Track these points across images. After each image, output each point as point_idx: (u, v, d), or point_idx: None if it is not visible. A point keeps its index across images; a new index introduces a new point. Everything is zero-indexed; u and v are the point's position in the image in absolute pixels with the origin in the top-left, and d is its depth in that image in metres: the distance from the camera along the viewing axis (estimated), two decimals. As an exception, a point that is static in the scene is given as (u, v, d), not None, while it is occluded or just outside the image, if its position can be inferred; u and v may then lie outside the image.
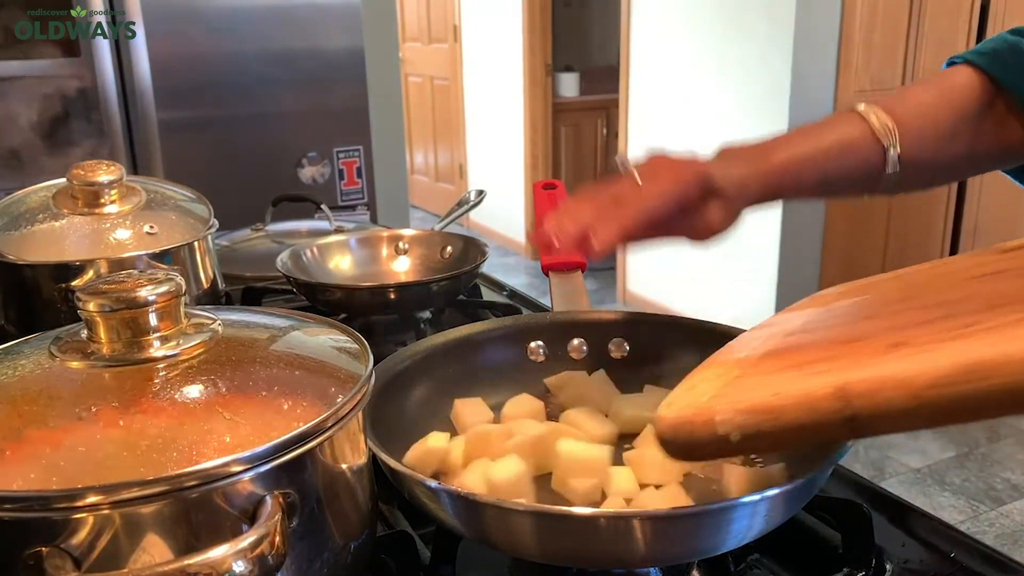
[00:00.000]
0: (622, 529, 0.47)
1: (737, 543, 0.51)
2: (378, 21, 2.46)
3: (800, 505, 0.55)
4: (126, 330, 0.48)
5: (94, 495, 0.39)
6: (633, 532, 0.47)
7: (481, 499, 0.50)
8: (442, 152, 5.68)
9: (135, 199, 0.95)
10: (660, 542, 0.49)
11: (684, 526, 0.49)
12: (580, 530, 0.48)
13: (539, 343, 0.76)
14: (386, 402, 0.64)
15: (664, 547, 0.49)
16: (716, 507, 0.49)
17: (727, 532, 0.49)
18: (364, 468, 0.53)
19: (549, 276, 0.81)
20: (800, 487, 0.50)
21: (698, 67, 3.50)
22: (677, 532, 0.49)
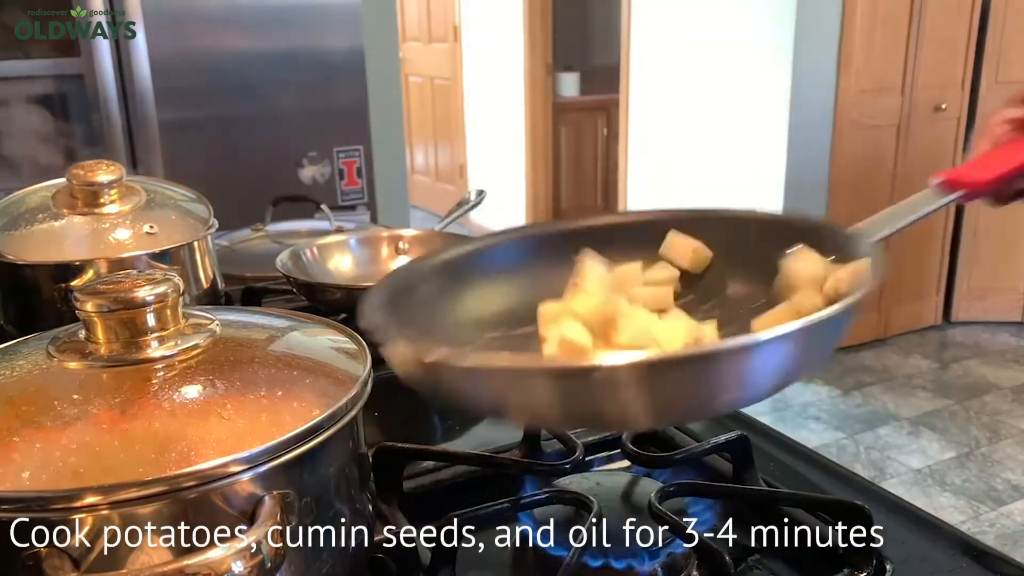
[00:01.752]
0: (611, 381, 0.44)
1: (753, 395, 0.47)
2: (378, 21, 2.46)
3: (831, 345, 0.50)
4: (124, 330, 0.48)
5: (93, 496, 0.39)
6: (626, 382, 0.44)
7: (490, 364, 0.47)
8: (442, 152, 5.68)
9: (135, 199, 0.94)
10: (658, 392, 0.45)
11: (688, 369, 0.44)
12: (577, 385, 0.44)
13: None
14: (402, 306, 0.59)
15: (667, 398, 0.46)
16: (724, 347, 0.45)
17: (742, 378, 0.45)
18: (363, 468, 0.53)
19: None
20: (826, 321, 0.46)
21: (698, 67, 3.50)
22: (680, 377, 0.45)
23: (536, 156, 4.81)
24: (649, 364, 0.44)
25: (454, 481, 0.69)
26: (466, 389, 0.49)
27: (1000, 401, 3.06)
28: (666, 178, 3.80)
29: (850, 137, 3.26)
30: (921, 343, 3.58)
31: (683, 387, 0.46)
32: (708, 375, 0.45)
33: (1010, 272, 3.66)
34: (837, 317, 0.46)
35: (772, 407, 3.04)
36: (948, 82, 3.41)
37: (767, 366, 0.46)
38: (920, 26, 3.24)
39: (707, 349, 0.47)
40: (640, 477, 0.65)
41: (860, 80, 3.21)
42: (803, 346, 0.47)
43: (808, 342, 0.47)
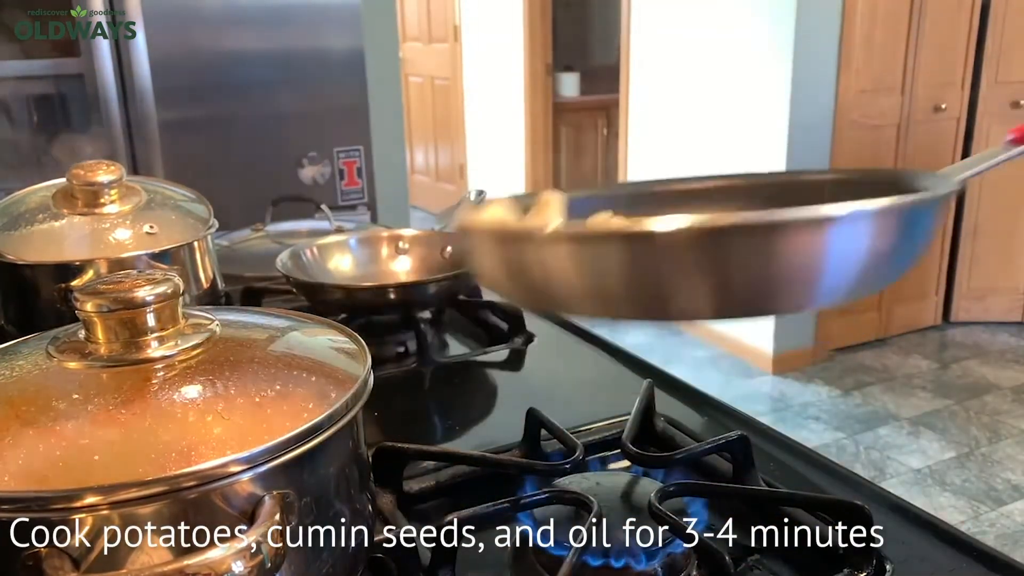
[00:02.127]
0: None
1: (831, 286, 0.44)
2: (378, 21, 2.46)
3: (918, 245, 0.48)
4: (124, 330, 0.48)
5: (93, 496, 0.39)
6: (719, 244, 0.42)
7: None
8: (442, 152, 5.68)
9: (135, 199, 0.94)
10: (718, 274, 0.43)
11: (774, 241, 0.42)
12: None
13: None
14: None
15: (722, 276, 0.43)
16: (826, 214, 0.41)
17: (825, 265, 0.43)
18: (362, 468, 0.53)
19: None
20: (916, 206, 0.44)
21: (698, 67, 3.50)
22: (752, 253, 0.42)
23: (536, 156, 4.81)
24: (735, 226, 0.42)
25: (454, 481, 0.69)
26: (556, 265, 0.46)
27: (1000, 401, 3.06)
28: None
29: (850, 137, 3.26)
30: (921, 343, 3.58)
31: (763, 260, 0.43)
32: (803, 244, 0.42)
33: (1010, 272, 3.66)
34: (928, 203, 0.44)
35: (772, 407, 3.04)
36: (948, 82, 3.41)
37: (850, 249, 0.43)
38: (920, 26, 3.24)
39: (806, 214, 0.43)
40: (640, 477, 0.65)
41: (860, 80, 3.21)
42: (890, 233, 0.44)
43: (897, 228, 0.44)
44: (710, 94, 3.46)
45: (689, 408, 0.84)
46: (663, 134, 3.78)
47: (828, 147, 3.23)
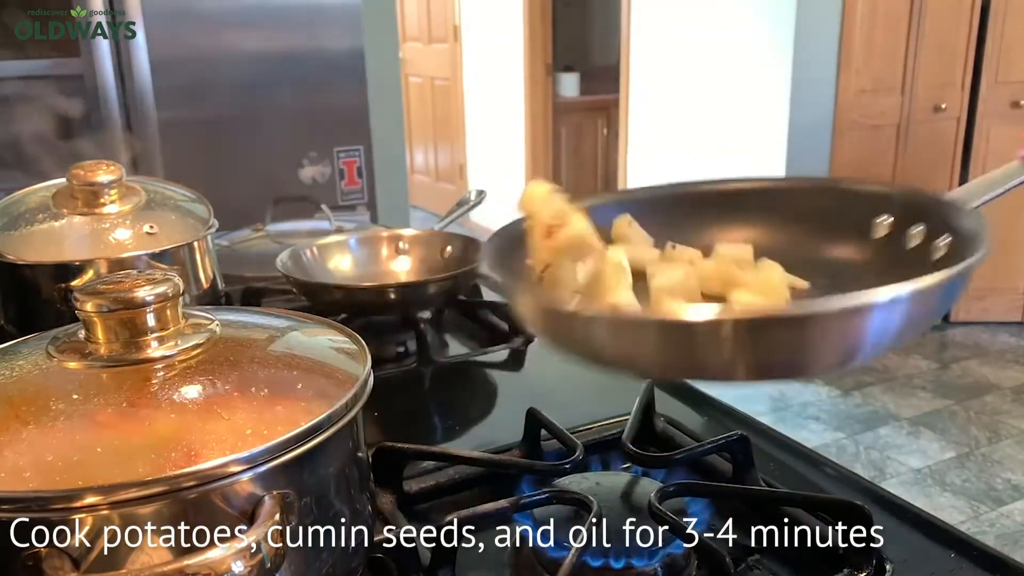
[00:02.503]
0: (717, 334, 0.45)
1: (860, 357, 0.48)
2: (378, 21, 2.46)
3: (946, 306, 0.51)
4: (124, 330, 0.48)
5: (92, 496, 0.39)
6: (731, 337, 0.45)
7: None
8: (442, 152, 5.68)
9: (135, 199, 0.94)
10: (760, 349, 0.46)
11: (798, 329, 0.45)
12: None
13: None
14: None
15: (766, 355, 0.47)
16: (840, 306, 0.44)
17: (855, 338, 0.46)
18: (362, 468, 0.53)
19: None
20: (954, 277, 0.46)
21: (698, 67, 3.50)
22: (787, 336, 0.46)
23: (536, 156, 4.81)
24: (778, 318, 0.45)
25: (454, 481, 0.69)
26: (598, 339, 0.49)
27: (1000, 401, 3.06)
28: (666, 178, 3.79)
29: (850, 137, 3.26)
30: (921, 343, 3.58)
31: (813, 341, 0.46)
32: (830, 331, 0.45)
33: (1010, 272, 3.66)
34: (952, 281, 0.46)
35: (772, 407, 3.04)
36: (948, 82, 3.41)
37: (876, 327, 0.46)
38: (920, 26, 3.24)
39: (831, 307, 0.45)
40: (640, 477, 0.65)
41: (860, 80, 3.21)
42: (916, 308, 0.46)
43: (922, 304, 0.47)
44: (710, 94, 3.46)
45: (689, 408, 0.84)
46: (663, 134, 3.78)
47: (828, 147, 3.23)
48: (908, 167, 3.43)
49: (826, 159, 3.25)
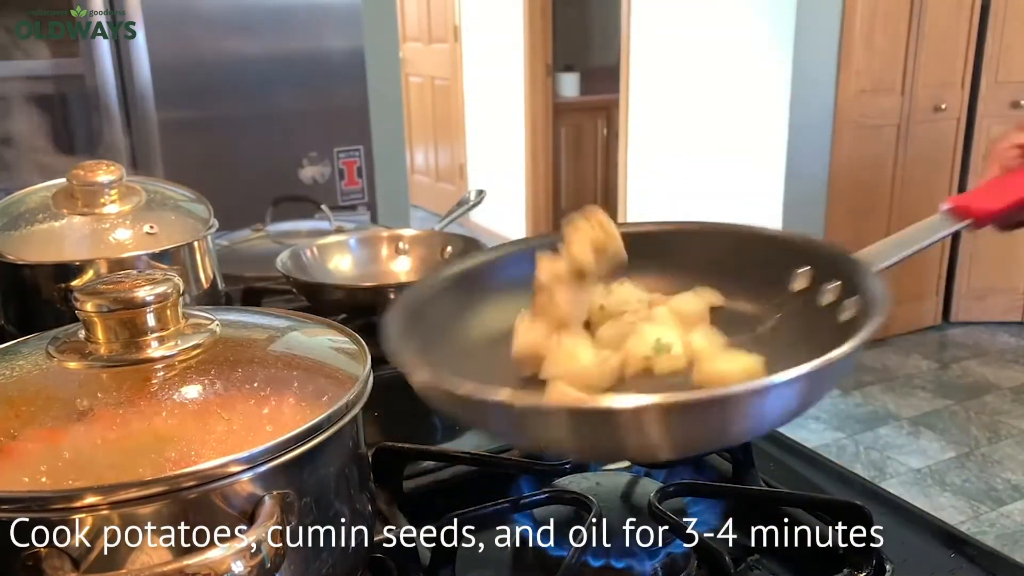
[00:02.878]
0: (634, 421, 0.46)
1: (760, 430, 0.51)
2: (378, 21, 2.46)
3: (830, 387, 0.53)
4: (124, 330, 0.48)
5: (92, 496, 0.39)
6: (647, 423, 0.47)
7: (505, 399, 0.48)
8: (442, 152, 5.68)
9: (135, 199, 0.94)
10: (677, 432, 0.48)
11: (707, 412, 0.47)
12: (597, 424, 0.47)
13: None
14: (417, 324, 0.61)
15: (684, 437, 0.49)
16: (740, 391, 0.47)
17: (754, 418, 0.48)
18: (362, 468, 0.53)
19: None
20: (837, 362, 0.48)
21: (698, 67, 3.50)
22: (696, 420, 0.47)
23: (536, 156, 4.81)
24: (668, 407, 0.46)
25: (454, 481, 0.69)
26: (492, 422, 0.51)
27: (1000, 401, 3.06)
28: (666, 178, 3.80)
29: (850, 137, 3.26)
30: (921, 343, 3.58)
31: (702, 425, 0.48)
32: (726, 414, 0.47)
33: (1010, 272, 3.66)
34: (847, 357, 0.48)
35: (772, 407, 3.03)
36: (948, 82, 3.40)
37: (778, 404, 0.48)
38: (920, 26, 3.24)
39: (721, 393, 0.48)
40: (640, 477, 0.65)
41: (860, 80, 3.21)
42: (815, 383, 0.49)
43: (820, 379, 0.49)
44: (710, 94, 3.46)
45: (689, 408, 0.84)
46: (663, 134, 3.78)
47: (828, 147, 3.23)
48: (908, 167, 3.43)
49: (826, 159, 3.25)
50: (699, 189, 3.59)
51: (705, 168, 3.55)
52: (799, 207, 3.20)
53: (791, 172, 3.18)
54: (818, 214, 3.28)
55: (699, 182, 3.59)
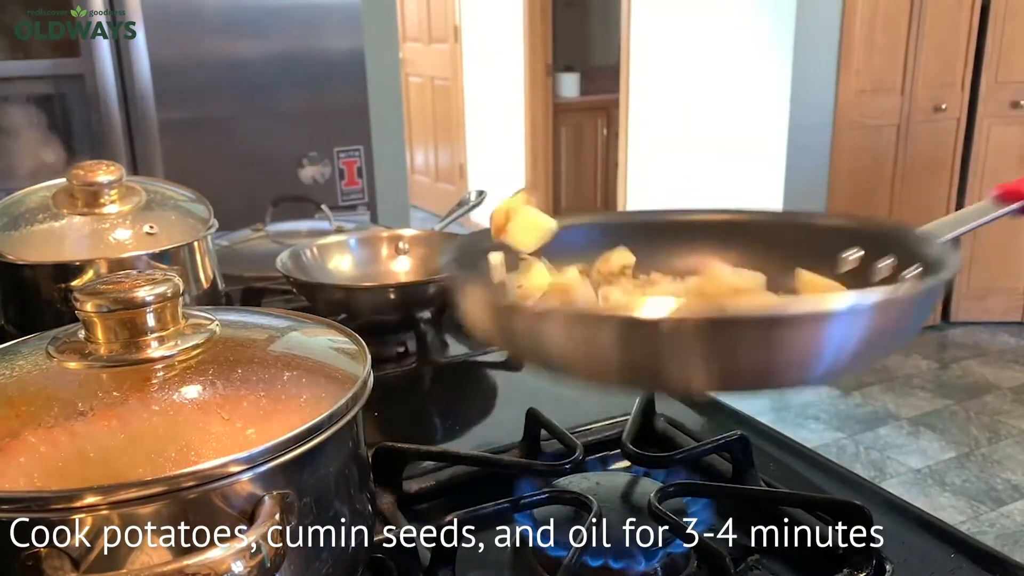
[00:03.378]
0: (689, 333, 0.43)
1: (826, 369, 0.46)
2: (378, 21, 2.46)
3: (919, 324, 0.50)
4: (124, 330, 0.48)
5: (92, 496, 0.39)
6: (703, 339, 0.43)
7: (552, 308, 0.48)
8: (442, 152, 5.68)
9: (135, 199, 0.94)
10: (734, 354, 0.44)
11: (770, 331, 0.44)
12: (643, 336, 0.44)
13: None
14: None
15: (738, 362, 0.44)
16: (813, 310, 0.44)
17: (820, 347, 0.44)
18: (362, 468, 0.53)
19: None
20: (926, 290, 0.46)
21: (698, 67, 3.50)
22: (758, 340, 0.44)
23: (536, 156, 4.81)
24: (726, 320, 0.43)
25: (454, 481, 0.69)
26: (539, 336, 0.48)
27: (1000, 401, 3.06)
28: (666, 178, 3.80)
29: (850, 137, 3.26)
30: (921, 343, 3.58)
31: (757, 349, 0.44)
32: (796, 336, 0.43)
33: (1010, 272, 3.66)
34: (924, 293, 0.47)
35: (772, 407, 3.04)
36: (948, 82, 3.41)
37: (852, 335, 0.44)
38: (920, 26, 3.24)
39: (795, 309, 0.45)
40: (640, 477, 0.65)
41: (860, 80, 3.21)
42: (887, 320, 0.46)
43: (893, 317, 0.46)
44: (710, 94, 3.46)
45: (689, 408, 0.84)
46: (663, 134, 3.78)
47: (828, 147, 3.23)
48: (908, 167, 3.43)
49: (826, 159, 3.25)
50: (699, 189, 3.59)
51: (705, 168, 3.55)
52: (799, 207, 3.20)
53: (791, 172, 3.18)
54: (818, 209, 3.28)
55: (699, 182, 3.59)
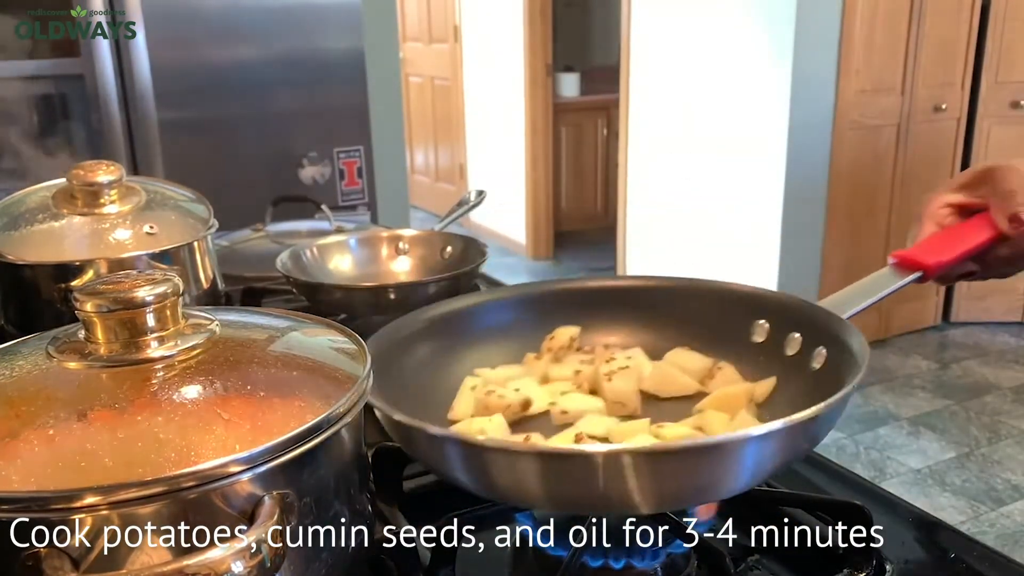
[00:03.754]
0: (617, 467, 0.47)
1: (741, 486, 0.50)
2: (378, 21, 2.46)
3: (809, 444, 0.55)
4: (123, 330, 0.48)
5: (92, 496, 0.39)
6: (629, 470, 0.47)
7: (483, 442, 0.50)
8: (442, 152, 5.68)
9: (135, 199, 0.94)
10: (659, 481, 0.48)
11: (685, 461, 0.48)
12: (578, 470, 0.47)
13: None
14: (388, 366, 0.64)
15: (664, 487, 0.49)
16: (720, 440, 0.49)
17: (733, 470, 0.48)
18: (362, 468, 0.53)
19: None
20: (809, 420, 0.50)
21: (698, 67, 3.50)
22: (677, 469, 0.48)
23: (536, 156, 4.81)
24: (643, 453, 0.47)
25: (454, 481, 0.69)
26: (434, 456, 0.53)
27: (1000, 401, 3.06)
28: (666, 178, 3.80)
29: (850, 137, 3.26)
30: (921, 343, 3.58)
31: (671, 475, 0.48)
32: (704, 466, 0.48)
33: (1010, 272, 3.65)
34: (833, 409, 0.51)
35: (772, 407, 3.03)
36: (948, 82, 3.41)
37: (758, 457, 0.49)
38: (920, 27, 3.24)
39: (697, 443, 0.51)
40: (640, 477, 0.65)
41: (860, 80, 3.21)
42: (801, 435, 0.51)
43: (806, 432, 0.51)
44: (710, 94, 3.46)
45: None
46: (663, 134, 3.78)
47: (828, 147, 3.23)
48: (908, 167, 3.43)
49: (826, 159, 3.25)
50: (699, 189, 3.59)
51: (705, 168, 3.55)
52: (799, 207, 3.20)
53: (791, 172, 3.18)
54: (818, 214, 3.28)
55: (699, 182, 3.59)
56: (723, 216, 3.48)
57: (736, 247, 3.44)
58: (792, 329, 0.68)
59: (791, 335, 0.68)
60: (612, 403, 0.67)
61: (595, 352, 0.73)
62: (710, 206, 3.54)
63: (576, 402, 0.65)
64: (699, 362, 0.72)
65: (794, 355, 0.68)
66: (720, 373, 0.71)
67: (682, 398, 0.70)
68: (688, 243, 3.70)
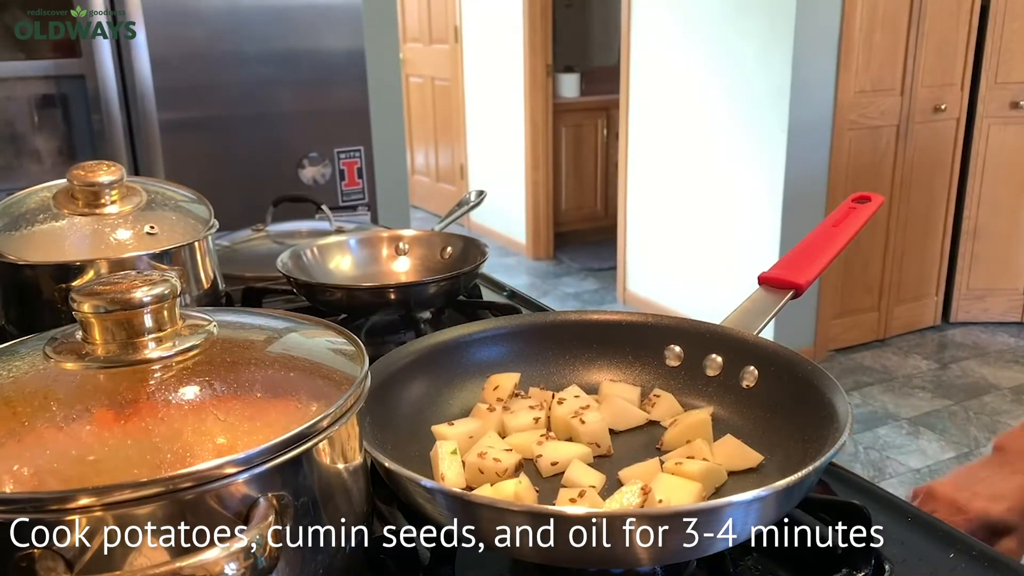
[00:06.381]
0: (616, 529, 0.47)
1: (731, 543, 0.51)
2: (379, 22, 2.46)
3: (792, 505, 0.55)
4: (121, 331, 0.48)
5: (87, 497, 0.39)
6: (627, 532, 0.47)
7: (475, 498, 0.50)
8: (443, 152, 5.68)
9: (135, 199, 0.94)
10: (654, 542, 0.48)
11: (676, 525, 0.48)
12: (574, 530, 0.48)
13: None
14: (382, 401, 0.64)
15: (659, 547, 0.49)
16: (708, 506, 0.50)
17: (720, 531, 0.49)
18: (359, 469, 0.53)
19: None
20: (794, 485, 0.51)
21: (698, 67, 3.50)
22: (670, 531, 0.49)
23: (536, 156, 4.81)
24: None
25: (453, 481, 0.69)
26: (422, 502, 0.53)
27: (999, 401, 3.06)
28: (666, 178, 3.80)
29: (850, 137, 3.26)
30: (920, 344, 3.58)
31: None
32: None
33: (1009, 272, 3.66)
34: (813, 474, 0.53)
35: (772, 407, 3.03)
36: (948, 82, 3.41)
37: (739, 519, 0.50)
38: (920, 27, 3.24)
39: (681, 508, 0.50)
40: (639, 478, 0.65)
41: (859, 81, 3.21)
42: (780, 500, 0.52)
43: (788, 496, 0.53)
44: (710, 94, 3.46)
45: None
46: (663, 134, 3.78)
47: (828, 147, 3.23)
48: (908, 167, 3.43)
49: (826, 159, 3.25)
50: (699, 189, 3.59)
51: (705, 168, 3.55)
52: (799, 207, 3.20)
53: (791, 172, 3.18)
54: (818, 214, 3.28)
55: (699, 182, 3.59)
56: (723, 215, 3.48)
57: (736, 247, 3.44)
58: (708, 351, 0.73)
59: (711, 356, 0.73)
60: (588, 444, 0.67)
61: (531, 395, 0.74)
62: (710, 206, 3.54)
63: (560, 451, 0.66)
64: (632, 392, 0.74)
65: (716, 375, 0.73)
66: (659, 400, 0.73)
67: (634, 429, 0.71)
68: (688, 243, 3.70)
